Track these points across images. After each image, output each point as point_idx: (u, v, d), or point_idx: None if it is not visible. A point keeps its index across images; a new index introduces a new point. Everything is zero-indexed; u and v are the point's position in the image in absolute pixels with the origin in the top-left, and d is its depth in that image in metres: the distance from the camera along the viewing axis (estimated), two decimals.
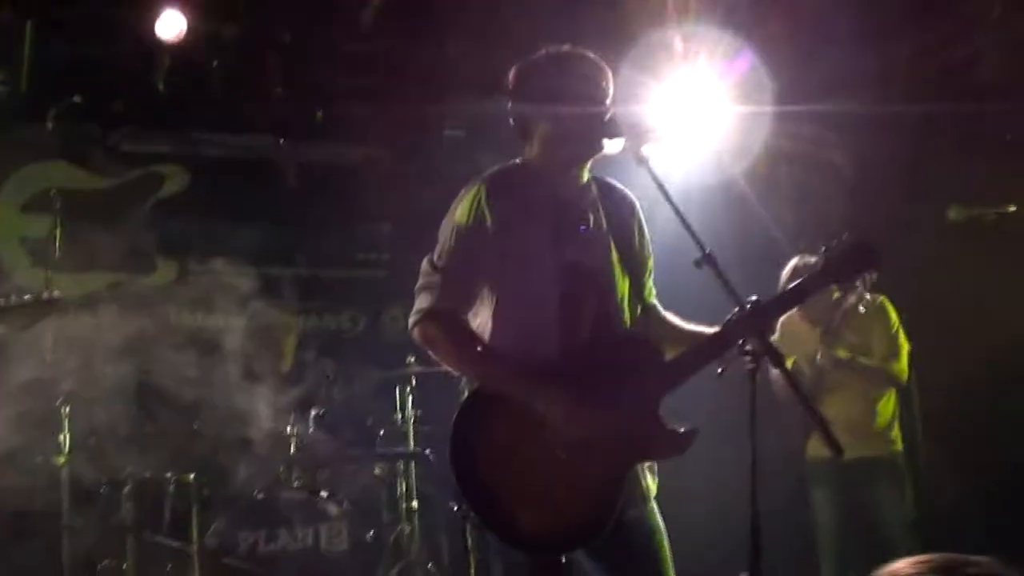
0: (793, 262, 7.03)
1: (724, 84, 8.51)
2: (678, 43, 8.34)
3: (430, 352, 4.10)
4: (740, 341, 3.73)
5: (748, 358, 3.68)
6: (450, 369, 4.13)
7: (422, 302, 4.03)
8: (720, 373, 3.86)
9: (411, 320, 4.06)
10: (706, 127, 8.68)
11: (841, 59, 8.78)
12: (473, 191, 4.08)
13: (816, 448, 7.17)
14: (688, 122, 8.58)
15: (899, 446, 7.26)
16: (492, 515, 3.82)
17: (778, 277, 7.28)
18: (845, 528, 7.20)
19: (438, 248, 4.09)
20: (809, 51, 8.49)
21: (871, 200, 8.48)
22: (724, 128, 8.72)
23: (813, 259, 4.39)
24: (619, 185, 4.37)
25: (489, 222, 4.00)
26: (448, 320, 4.00)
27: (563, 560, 3.88)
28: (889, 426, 7.27)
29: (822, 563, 7.27)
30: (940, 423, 8.17)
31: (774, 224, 8.99)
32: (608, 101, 4.16)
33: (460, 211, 4.07)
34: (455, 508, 3.92)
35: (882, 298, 7.26)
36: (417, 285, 4.10)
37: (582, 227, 4.16)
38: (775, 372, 7.07)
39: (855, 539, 7.19)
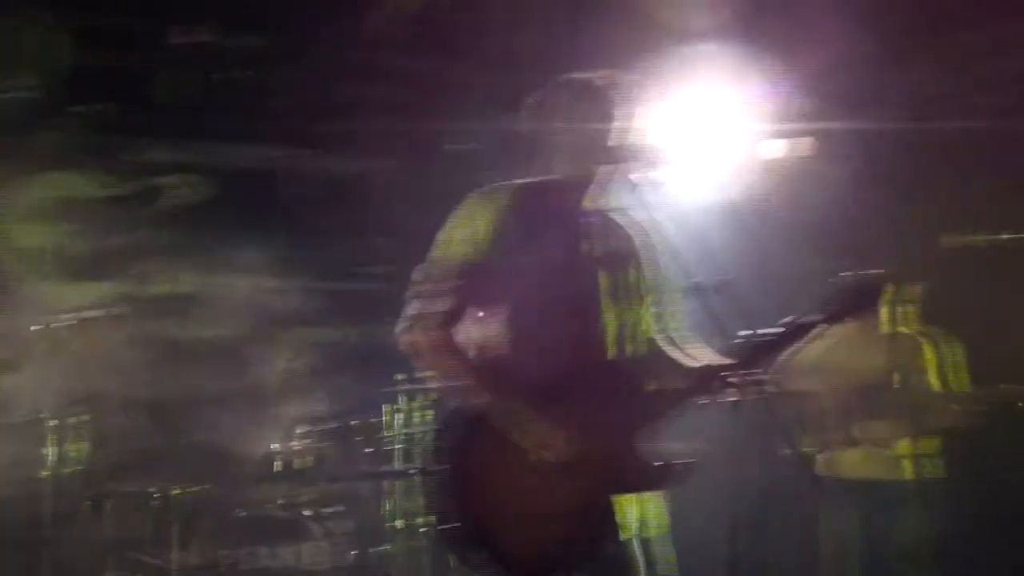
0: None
1: (742, 102, 8.44)
2: (696, 61, 8.27)
3: (414, 361, 4.12)
4: (726, 374, 3.71)
5: (734, 390, 3.68)
6: (432, 381, 4.07)
7: (411, 309, 3.98)
8: (702, 404, 3.79)
9: (398, 327, 4.01)
10: (723, 146, 8.60)
11: (863, 76, 8.71)
12: (470, 203, 4.03)
13: (830, 467, 7.14)
14: (705, 142, 8.51)
15: (911, 473, 7.19)
16: (470, 535, 3.76)
17: (797, 299, 7.21)
18: (856, 548, 7.13)
19: (430, 255, 4.04)
20: (830, 69, 8.39)
21: (892, 221, 8.37)
22: (741, 147, 8.64)
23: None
24: (624, 215, 4.29)
25: (482, 235, 3.94)
26: (434, 331, 3.94)
27: None
28: (905, 452, 7.18)
29: None
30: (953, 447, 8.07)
31: (793, 245, 8.91)
32: (616, 126, 4.12)
33: (455, 221, 4.02)
34: (434, 527, 3.86)
35: None
36: (408, 292, 4.04)
37: (575, 253, 4.09)
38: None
39: (866, 560, 7.12)
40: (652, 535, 4.03)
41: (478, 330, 4.01)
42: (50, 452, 7.29)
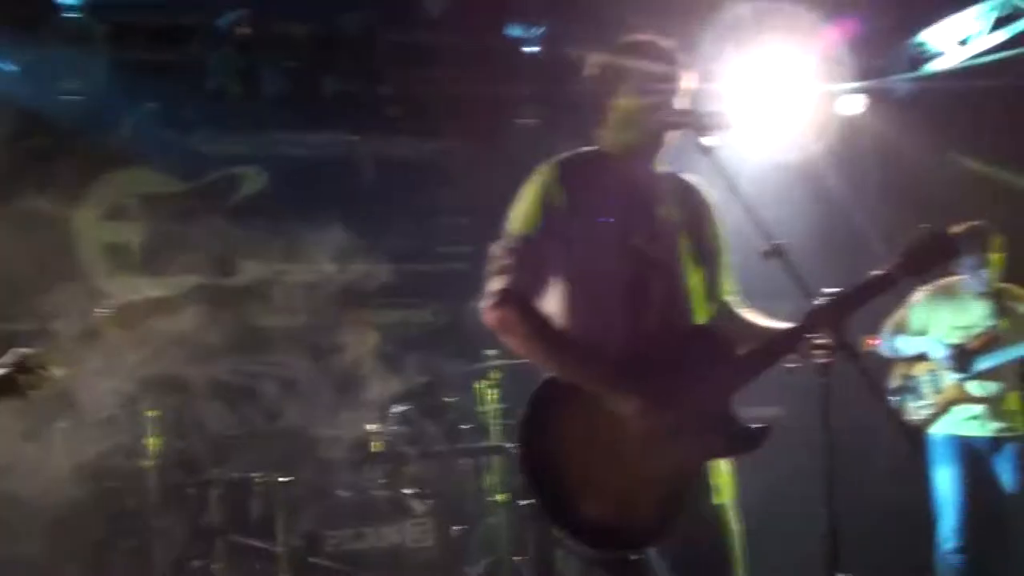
0: None
1: (807, 62, 8.40)
2: (759, 19, 8.24)
3: (501, 337, 4.02)
4: (811, 335, 3.65)
5: (822, 352, 3.60)
6: (521, 354, 4.08)
7: (494, 285, 3.96)
8: (791, 369, 3.77)
9: (483, 304, 3.99)
10: (786, 106, 8.58)
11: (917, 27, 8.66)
12: (545, 173, 4.02)
13: (943, 427, 7.24)
14: (769, 101, 8.49)
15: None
16: (558, 506, 3.77)
17: (863, 259, 7.20)
18: (965, 499, 7.15)
19: (509, 231, 4.03)
20: (894, 26, 8.35)
21: (959, 174, 8.32)
22: (806, 108, 8.61)
23: None
24: (694, 178, 4.29)
25: (561, 204, 3.95)
26: (520, 303, 3.93)
27: (634, 557, 3.82)
28: (1018, 409, 7.28)
29: (940, 531, 7.23)
30: None
31: (857, 209, 8.87)
32: (679, 90, 4.09)
33: (532, 193, 4.01)
34: (521, 501, 3.88)
35: None
36: (489, 268, 4.02)
37: (653, 218, 4.08)
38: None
39: (975, 513, 7.14)
40: (725, 500, 4.04)
41: (561, 301, 4.00)
42: (150, 441, 7.37)
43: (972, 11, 8.29)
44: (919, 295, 7.41)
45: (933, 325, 7.34)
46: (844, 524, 3.50)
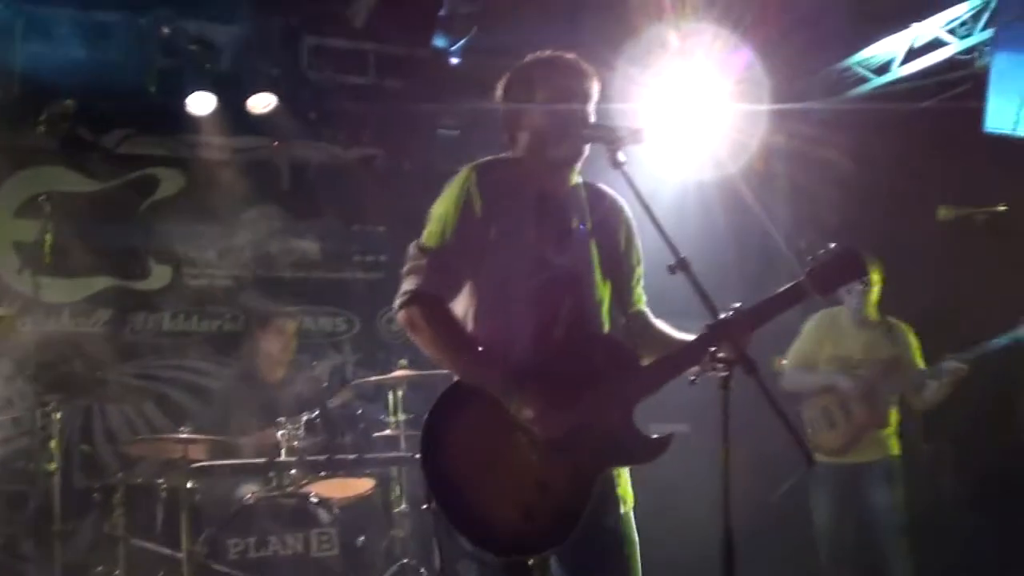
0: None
1: (721, 81, 8.48)
2: (675, 40, 8.30)
3: (412, 337, 4.03)
4: (713, 348, 3.66)
5: (721, 366, 3.60)
6: (429, 355, 4.08)
7: (408, 285, 3.99)
8: (692, 381, 3.79)
9: (396, 303, 4.02)
10: (703, 124, 8.66)
11: (837, 56, 8.79)
12: (463, 177, 4.04)
13: (830, 443, 7.34)
14: (685, 119, 8.56)
15: (897, 451, 7.32)
16: (459, 512, 3.77)
17: (775, 274, 7.29)
18: (842, 527, 7.27)
19: (426, 231, 4.05)
20: (805, 48, 8.45)
21: (868, 198, 8.43)
22: (721, 125, 8.69)
23: None
24: (610, 191, 4.33)
25: (477, 209, 3.97)
26: (431, 305, 3.96)
27: (530, 562, 3.82)
28: (891, 432, 7.41)
29: (820, 558, 7.32)
30: (940, 424, 8.14)
31: (771, 222, 8.96)
32: (591, 104, 4.13)
33: (449, 196, 4.03)
34: (424, 507, 3.86)
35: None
36: (404, 268, 4.05)
37: (566, 228, 4.11)
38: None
39: (850, 538, 7.25)
40: (628, 510, 4.07)
41: (472, 304, 4.03)
42: (54, 444, 7.27)
43: (892, 38, 8.42)
44: (808, 325, 7.56)
45: (819, 355, 7.46)
46: (743, 534, 3.51)
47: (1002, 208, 5.95)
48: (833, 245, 4.04)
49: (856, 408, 7.28)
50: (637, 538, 4.06)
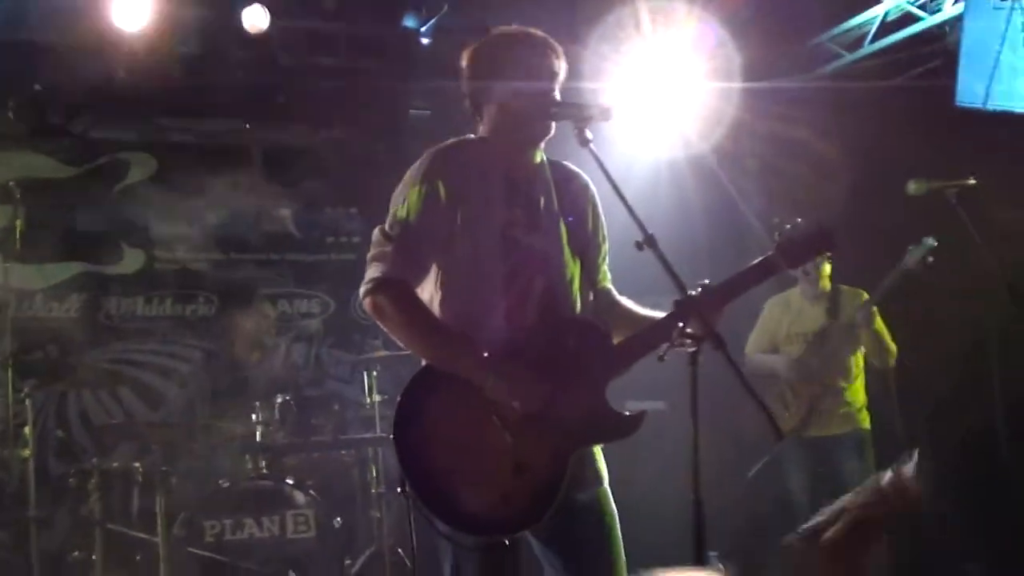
0: None
1: (691, 60, 8.49)
2: (646, 18, 8.30)
3: (379, 323, 4.01)
4: (682, 324, 3.67)
5: (690, 342, 3.62)
6: (399, 342, 4.07)
7: (373, 271, 3.95)
8: (661, 357, 3.79)
9: (362, 290, 3.99)
10: (675, 102, 8.66)
11: (805, 34, 8.80)
12: (427, 161, 4.01)
13: (787, 424, 7.27)
14: (657, 97, 8.56)
15: (867, 424, 7.35)
16: (434, 495, 3.76)
17: (746, 250, 7.27)
18: (816, 500, 7.29)
19: (389, 217, 4.02)
20: (777, 25, 8.47)
21: (839, 174, 8.46)
22: (693, 103, 8.70)
23: None
24: (574, 168, 4.31)
25: (441, 193, 3.94)
26: (398, 290, 3.93)
27: (508, 542, 3.81)
28: (860, 406, 7.41)
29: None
30: (913, 400, 8.17)
31: (743, 200, 8.98)
32: (558, 81, 4.11)
33: (412, 180, 3.99)
34: (399, 489, 3.86)
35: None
36: (369, 255, 4.02)
37: (534, 208, 4.09)
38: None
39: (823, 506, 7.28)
40: (605, 485, 4.08)
41: (440, 288, 4.00)
42: (27, 430, 7.25)
43: (863, 15, 8.44)
44: (763, 313, 7.60)
45: (777, 336, 7.50)
46: (716, 510, 3.53)
47: (971, 181, 5.97)
48: (800, 220, 4.07)
49: (801, 388, 7.32)
50: (616, 512, 4.07)
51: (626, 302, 4.32)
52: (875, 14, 8.40)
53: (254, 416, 6.96)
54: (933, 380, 7.56)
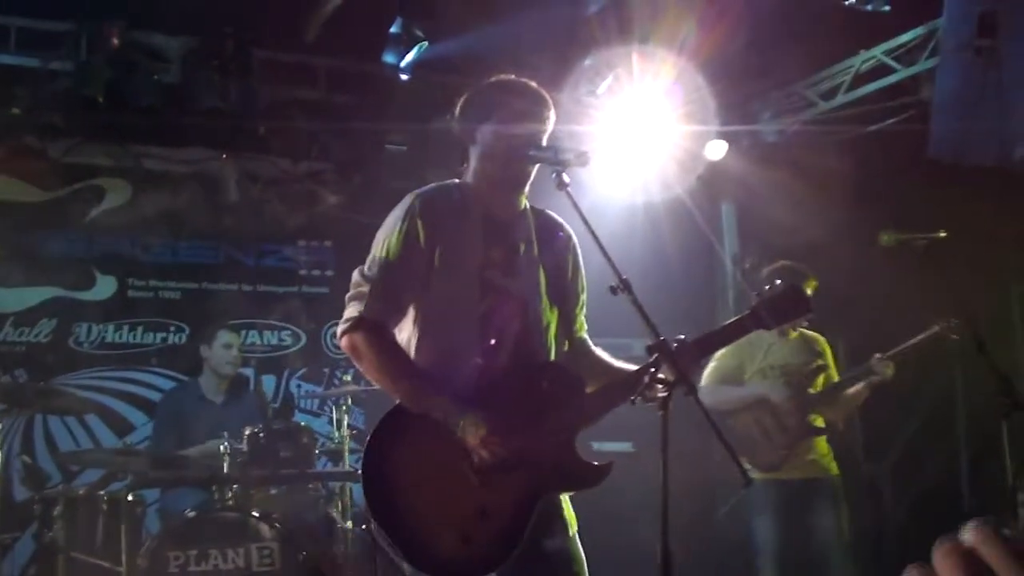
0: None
1: (669, 104, 8.55)
2: (624, 63, 8.37)
3: (355, 363, 4.08)
4: (654, 369, 3.70)
5: (661, 387, 3.64)
6: (373, 381, 4.10)
7: (351, 311, 4.01)
8: (632, 402, 3.82)
9: (339, 329, 4.05)
10: (651, 146, 8.72)
11: (786, 79, 8.89)
12: (407, 205, 4.07)
13: (766, 457, 7.23)
14: (633, 141, 8.63)
15: (836, 470, 7.32)
16: (398, 534, 3.78)
17: (721, 293, 7.34)
18: (787, 548, 7.26)
19: (369, 258, 4.08)
20: (751, 71, 8.55)
21: (813, 220, 8.52)
22: (669, 147, 8.76)
23: None
24: (558, 218, 4.36)
25: (421, 237, 3.99)
26: (374, 331, 3.98)
27: None
28: (827, 451, 7.37)
29: None
30: (880, 445, 8.23)
31: (717, 243, 9.04)
32: (546, 127, 4.16)
33: (393, 223, 4.05)
34: (363, 527, 3.88)
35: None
36: (348, 295, 4.07)
37: (513, 252, 4.14)
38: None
39: (796, 558, 7.26)
40: (573, 532, 4.10)
41: (416, 330, 4.04)
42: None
43: (839, 65, 8.54)
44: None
45: (751, 365, 7.46)
46: (684, 553, 3.54)
47: (942, 234, 6.04)
48: (779, 282, 4.13)
49: (789, 419, 7.28)
50: (584, 559, 4.09)
51: (601, 353, 4.36)
52: (850, 64, 8.50)
53: (221, 447, 6.92)
54: (898, 425, 7.63)
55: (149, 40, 8.36)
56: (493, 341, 4.03)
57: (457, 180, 4.25)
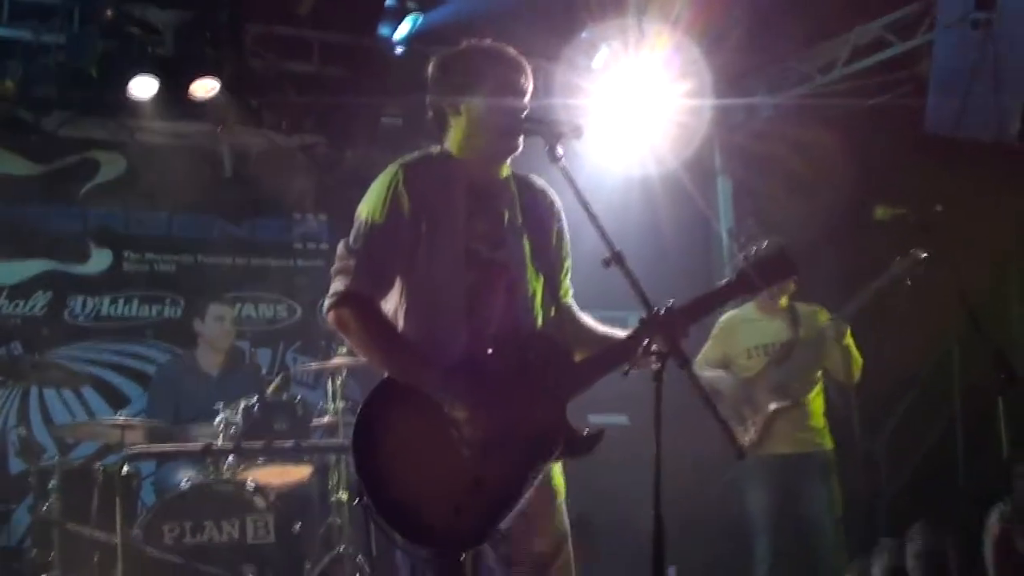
0: None
1: (665, 77, 8.54)
2: (620, 35, 8.35)
3: (343, 337, 4.06)
4: (647, 341, 3.69)
5: (654, 358, 3.63)
6: (361, 355, 4.09)
7: (337, 285, 3.97)
8: (625, 373, 3.81)
9: (326, 303, 4.01)
10: (648, 119, 8.71)
11: (782, 52, 8.87)
12: (390, 175, 4.02)
13: (744, 439, 7.22)
14: (629, 114, 8.61)
15: (830, 444, 7.33)
16: (390, 506, 3.77)
17: (717, 267, 7.32)
18: (779, 521, 7.28)
19: (354, 231, 4.04)
20: (747, 44, 8.52)
21: (810, 193, 8.52)
22: (665, 120, 8.75)
23: None
24: (541, 183, 4.31)
25: (405, 207, 3.95)
26: (361, 304, 3.95)
27: (463, 556, 3.83)
28: (822, 425, 7.37)
29: (755, 552, 7.34)
30: (875, 418, 8.23)
31: (713, 216, 9.03)
32: (527, 97, 4.11)
33: (376, 194, 4.01)
34: (355, 500, 3.86)
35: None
36: (333, 268, 4.04)
37: (498, 222, 4.12)
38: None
39: (786, 530, 7.28)
40: (561, 500, 4.11)
41: (403, 302, 4.02)
42: None
43: (836, 40, 8.52)
44: (715, 329, 7.54)
45: (734, 350, 7.46)
46: (678, 526, 3.54)
47: (938, 209, 6.02)
48: (765, 243, 4.10)
49: (761, 397, 7.26)
50: (569, 529, 4.10)
51: (587, 319, 4.33)
52: (847, 38, 8.47)
53: (217, 420, 6.93)
54: (894, 399, 7.63)
55: (143, 13, 8.31)
56: (480, 310, 4.01)
57: (439, 148, 4.19)
